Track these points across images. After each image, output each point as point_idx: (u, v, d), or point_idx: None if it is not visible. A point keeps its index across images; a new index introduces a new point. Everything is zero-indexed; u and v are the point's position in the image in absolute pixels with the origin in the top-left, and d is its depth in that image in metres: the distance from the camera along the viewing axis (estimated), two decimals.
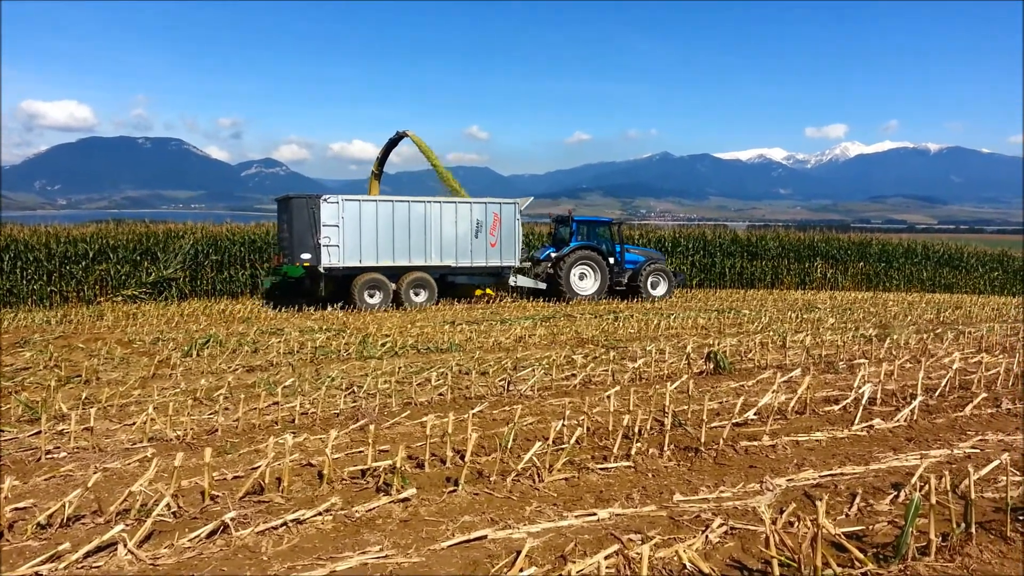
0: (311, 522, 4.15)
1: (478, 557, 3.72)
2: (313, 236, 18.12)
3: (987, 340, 11.81)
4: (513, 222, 20.39)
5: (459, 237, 19.68)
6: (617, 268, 22.02)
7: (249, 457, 5.54)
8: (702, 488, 4.81)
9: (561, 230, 22.72)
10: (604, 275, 21.53)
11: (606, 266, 21.62)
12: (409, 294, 18.98)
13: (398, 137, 23.67)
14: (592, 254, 21.50)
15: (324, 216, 18.11)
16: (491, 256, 20.12)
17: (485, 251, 20.04)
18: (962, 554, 3.67)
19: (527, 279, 21.24)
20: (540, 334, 12.74)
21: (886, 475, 5.03)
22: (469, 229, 19.81)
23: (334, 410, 7.00)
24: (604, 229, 22.80)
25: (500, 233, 20.15)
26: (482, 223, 19.94)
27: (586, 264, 21.40)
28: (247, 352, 10.77)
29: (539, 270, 21.61)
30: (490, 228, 19.99)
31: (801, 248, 31.55)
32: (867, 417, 6.46)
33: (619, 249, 22.34)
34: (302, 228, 18.17)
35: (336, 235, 18.21)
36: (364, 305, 18.34)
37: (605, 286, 21.53)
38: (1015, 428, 6.31)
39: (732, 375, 8.83)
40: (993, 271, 34.65)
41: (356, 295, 18.34)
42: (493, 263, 20.20)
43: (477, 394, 7.77)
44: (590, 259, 21.42)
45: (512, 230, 20.37)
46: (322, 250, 18.10)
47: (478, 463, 5.25)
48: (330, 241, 18.17)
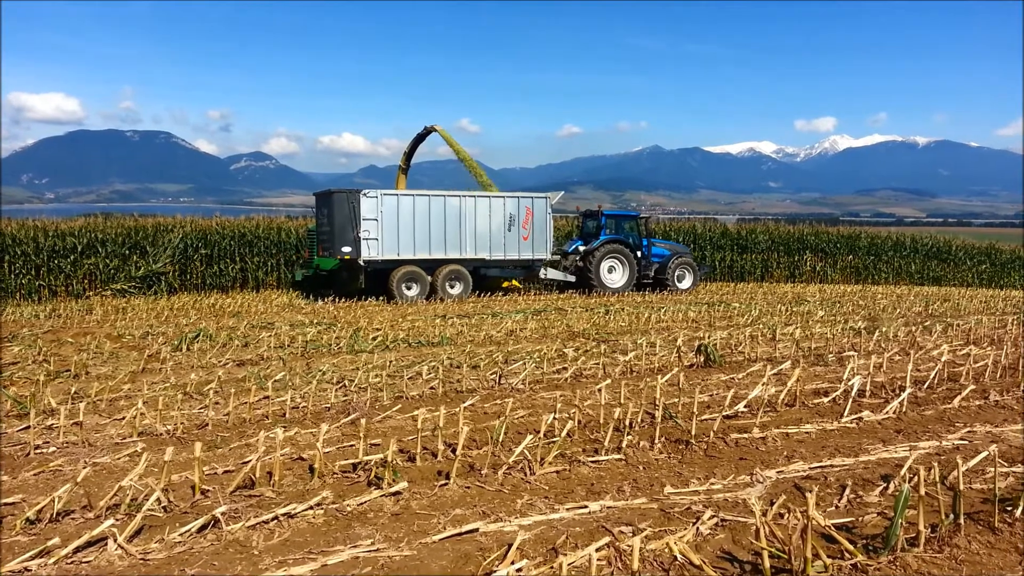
0: (302, 516, 4.14)
1: (469, 550, 3.73)
2: (353, 230, 18.42)
3: (975, 333, 11.89)
4: (545, 216, 20.75)
5: (493, 231, 19.98)
6: (644, 261, 22.33)
7: (240, 451, 5.53)
8: (693, 480, 4.82)
9: (588, 223, 22.98)
10: (632, 268, 21.86)
11: (634, 259, 21.94)
12: (445, 286, 19.28)
13: (426, 132, 23.82)
14: (621, 248, 21.82)
15: (364, 210, 18.41)
16: (523, 249, 20.46)
17: (518, 244, 20.35)
18: (951, 545, 3.70)
19: (557, 272, 21.53)
20: (531, 328, 12.75)
21: (875, 467, 5.06)
22: (502, 223, 20.12)
23: (325, 404, 6.99)
24: (631, 223, 23.06)
25: (532, 227, 20.48)
26: (515, 217, 20.27)
27: (615, 257, 21.74)
28: (237, 346, 10.72)
29: (567, 263, 21.93)
30: (522, 222, 20.34)
31: (791, 241, 31.64)
32: (856, 409, 6.50)
33: (646, 243, 22.66)
34: (343, 222, 18.46)
35: (375, 229, 18.54)
36: (402, 297, 18.64)
37: (633, 279, 21.87)
38: (1003, 420, 6.36)
39: (722, 368, 8.86)
40: (981, 264, 34.86)
41: (394, 288, 18.63)
42: (525, 256, 20.55)
43: (468, 388, 7.77)
44: (619, 252, 21.76)
45: (544, 224, 20.72)
46: (362, 243, 18.39)
47: (469, 456, 5.25)
48: (369, 235, 18.47)
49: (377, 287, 18.95)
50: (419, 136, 24.08)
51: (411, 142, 24.33)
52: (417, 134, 24.11)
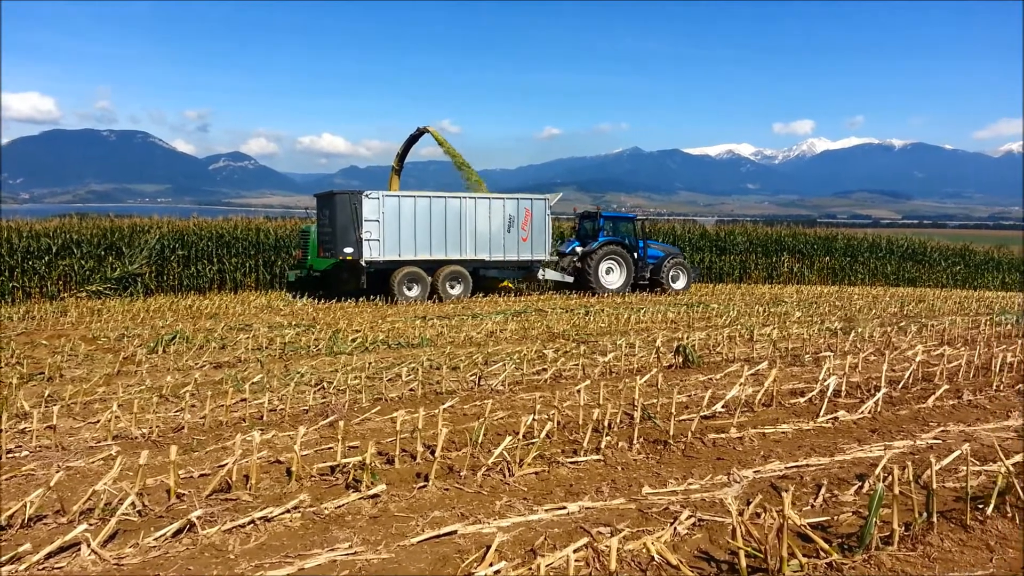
0: (279, 519, 4.11)
1: (448, 552, 3.72)
2: (355, 231, 18.47)
3: (949, 333, 12.05)
4: (543, 217, 20.86)
5: (492, 232, 20.10)
6: (640, 263, 22.53)
7: (216, 454, 5.48)
8: (671, 480, 4.85)
9: (585, 225, 23.12)
10: (630, 269, 22.08)
11: (631, 261, 22.16)
12: (445, 287, 19.37)
13: (419, 133, 23.88)
14: (619, 249, 22.02)
15: (366, 211, 18.47)
16: (522, 250, 20.60)
17: (517, 245, 20.48)
18: (924, 543, 3.75)
19: (555, 273, 21.74)
20: (511, 329, 12.75)
21: (851, 466, 5.12)
22: (502, 224, 20.24)
23: (303, 406, 6.95)
24: (628, 225, 23.26)
25: (531, 228, 20.63)
26: (514, 218, 20.39)
27: (613, 259, 21.93)
28: (215, 348, 10.64)
29: (564, 264, 22.13)
30: (522, 223, 20.48)
31: (768, 243, 31.91)
32: (832, 409, 6.56)
33: (642, 244, 22.86)
34: (345, 223, 18.50)
35: (377, 230, 18.60)
36: (403, 298, 18.71)
37: (631, 280, 22.08)
38: (976, 419, 6.45)
39: (701, 368, 8.91)
40: (955, 265, 35.35)
41: (395, 288, 18.71)
42: (524, 257, 20.69)
43: (448, 389, 7.76)
44: (617, 254, 21.96)
45: (542, 225, 20.85)
46: (364, 244, 18.45)
47: (448, 458, 5.24)
48: (371, 235, 18.53)
49: (378, 288, 19.03)
50: (412, 137, 24.16)
51: (404, 143, 24.38)
52: (410, 135, 24.17)
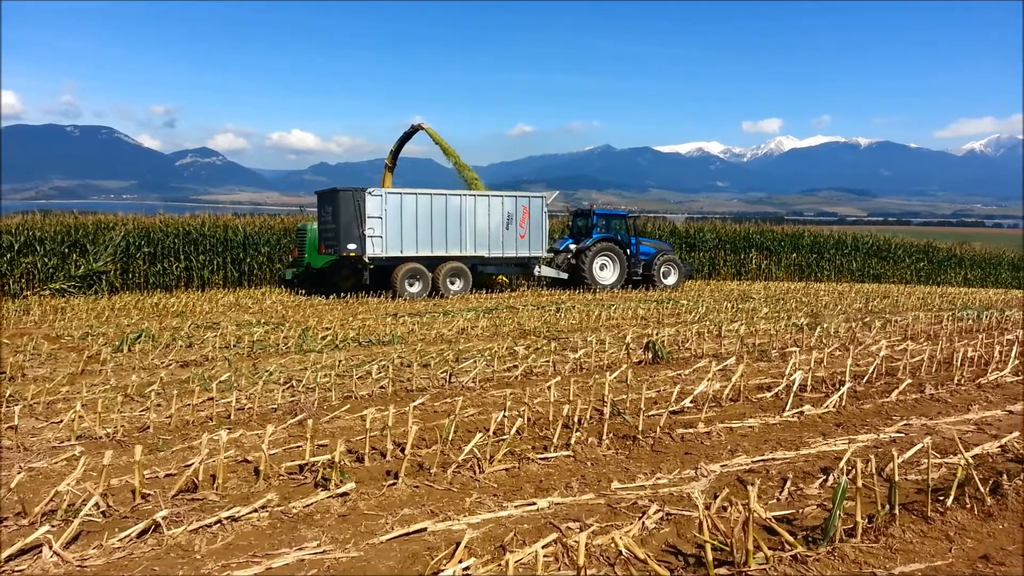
0: (247, 519, 4.08)
1: (417, 550, 3.72)
2: (359, 227, 18.71)
3: (912, 328, 12.27)
4: (540, 215, 21.25)
5: (491, 229, 20.47)
6: (632, 259, 22.88)
7: (182, 454, 5.41)
8: (639, 475, 4.89)
9: (579, 222, 23.52)
10: (623, 266, 22.48)
11: (624, 257, 22.53)
12: (446, 283, 19.67)
13: (413, 130, 24.04)
14: (612, 246, 22.42)
15: (369, 208, 18.71)
16: (520, 247, 21.00)
17: (515, 242, 20.89)
18: (886, 535, 3.82)
19: (550, 269, 22.05)
20: (483, 326, 12.75)
21: (815, 459, 5.20)
22: (501, 221, 20.64)
23: (272, 405, 6.89)
24: (620, 222, 23.58)
25: (529, 225, 21.03)
26: (512, 216, 20.78)
27: (607, 255, 22.34)
28: (181, 347, 10.50)
29: (559, 261, 22.42)
30: (520, 221, 20.88)
31: (737, 240, 32.26)
32: (798, 403, 6.66)
33: (634, 241, 23.23)
34: (348, 220, 18.72)
35: (380, 226, 18.87)
36: (405, 294, 18.98)
37: (624, 276, 22.47)
38: (938, 413, 6.58)
39: (670, 364, 8.98)
40: (919, 262, 36.02)
41: (398, 284, 18.97)
42: (522, 254, 21.10)
43: (419, 386, 7.74)
44: (610, 251, 22.37)
45: (539, 223, 21.23)
46: (367, 241, 18.70)
47: (419, 456, 5.23)
48: (374, 232, 18.79)
49: (380, 284, 19.28)
50: (406, 134, 24.30)
51: (398, 140, 24.51)
52: (404, 132, 24.35)
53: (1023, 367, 8.37)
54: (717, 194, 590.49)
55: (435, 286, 19.50)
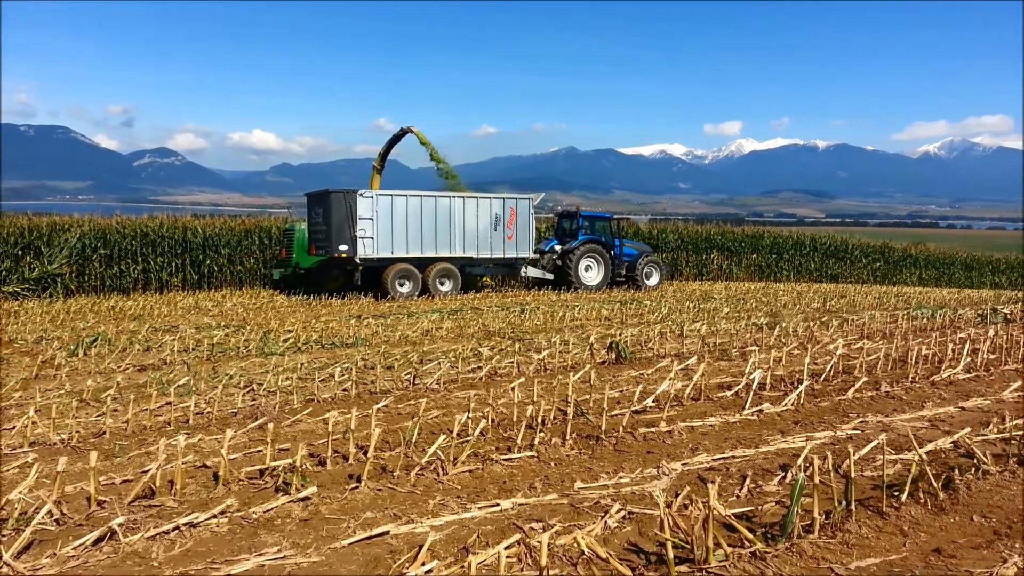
0: (205, 525, 4.02)
1: (379, 553, 3.70)
2: (350, 228, 18.89)
3: (869, 327, 12.52)
4: (527, 216, 21.52)
5: (480, 230, 20.72)
6: (616, 260, 23.23)
7: (140, 460, 5.31)
8: (602, 475, 4.92)
9: (564, 223, 23.94)
10: (607, 267, 22.81)
11: (609, 258, 22.90)
12: (436, 284, 19.94)
13: (402, 133, 24.25)
14: (597, 247, 22.79)
15: (360, 209, 18.89)
16: (508, 248, 21.28)
17: (503, 243, 21.17)
18: (843, 530, 3.89)
19: (536, 270, 22.34)
20: (447, 327, 12.72)
21: (774, 457, 5.28)
22: (489, 223, 20.89)
23: (231, 409, 6.79)
24: (604, 224, 23.96)
25: (516, 227, 21.29)
26: (500, 217, 21.03)
27: (591, 256, 22.66)
28: (138, 351, 10.30)
29: (544, 261, 22.70)
30: (507, 222, 21.13)
31: (699, 241, 32.62)
32: (757, 402, 6.75)
33: (618, 243, 23.60)
34: (340, 221, 18.89)
35: (370, 228, 19.05)
36: (396, 294, 19.19)
37: (608, 277, 22.81)
38: (893, 410, 6.73)
39: (633, 364, 9.05)
40: (876, 262, 36.79)
41: (388, 285, 19.20)
42: (510, 255, 21.37)
43: (382, 389, 7.69)
44: (595, 252, 22.71)
45: (526, 224, 21.51)
46: (358, 242, 18.87)
47: (382, 458, 5.20)
48: (365, 233, 18.97)
49: (370, 285, 19.49)
50: (395, 137, 24.49)
51: (386, 143, 24.68)
52: (393, 135, 24.54)
53: (975, 365, 8.59)
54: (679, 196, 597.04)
55: (425, 287, 19.73)
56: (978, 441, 5.41)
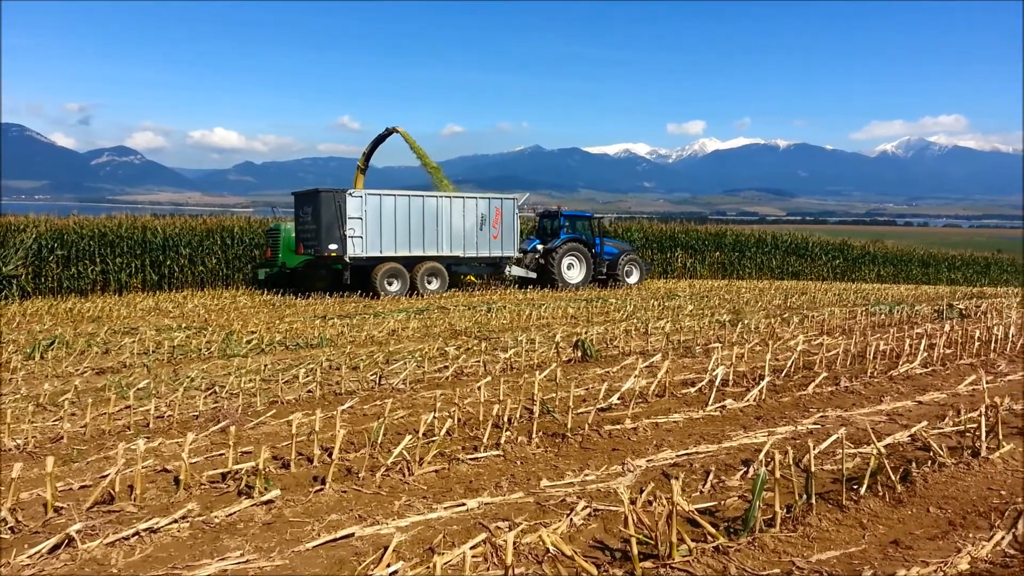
0: (166, 530, 3.95)
1: (344, 556, 3.67)
2: (340, 228, 19.07)
3: (828, 323, 12.75)
4: (512, 216, 21.90)
5: (466, 229, 21.05)
6: (597, 259, 23.63)
7: (98, 465, 5.21)
8: (568, 473, 4.94)
9: (545, 223, 24.37)
10: (589, 265, 23.28)
11: (590, 257, 23.32)
12: (424, 282, 20.21)
13: (387, 133, 24.32)
14: (579, 246, 23.22)
15: (350, 209, 19.13)
16: (493, 248, 21.65)
17: (488, 243, 21.53)
18: (804, 524, 3.96)
19: (520, 269, 22.66)
20: (413, 327, 12.67)
21: (737, 452, 5.35)
22: (475, 222, 21.24)
23: (193, 412, 6.69)
24: (585, 223, 24.38)
25: (501, 226, 21.68)
26: (486, 217, 21.39)
27: (574, 255, 23.12)
28: (97, 353, 10.10)
29: (527, 260, 22.99)
30: (493, 221, 21.50)
31: (663, 239, 32.95)
32: (720, 398, 6.83)
33: (599, 241, 24.02)
34: (330, 220, 19.08)
35: (360, 227, 19.27)
36: (385, 293, 19.40)
37: (590, 275, 23.31)
38: (852, 404, 6.85)
39: (598, 362, 9.10)
40: (835, 259, 37.48)
41: (377, 283, 19.39)
42: (495, 254, 21.76)
43: (347, 389, 7.64)
44: (578, 250, 23.15)
45: (511, 223, 21.86)
46: (348, 241, 19.10)
47: (347, 460, 5.16)
48: (354, 233, 19.19)
49: (360, 283, 19.63)
50: (380, 137, 24.52)
51: (371, 143, 24.66)
52: (378, 135, 24.56)
53: (932, 360, 8.79)
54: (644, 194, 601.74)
55: (413, 285, 19.96)
56: (934, 434, 5.54)
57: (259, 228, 25.32)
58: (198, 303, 17.96)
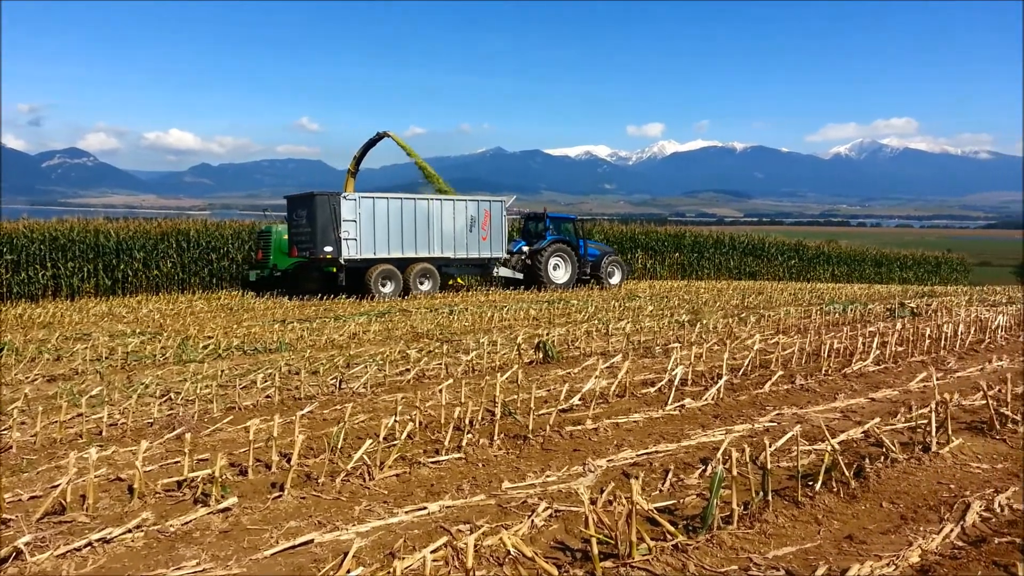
0: (120, 540, 3.87)
1: (303, 562, 3.63)
2: (335, 230, 19.33)
3: (784, 323, 12.96)
4: (500, 218, 22.36)
5: (457, 231, 21.45)
6: (581, 260, 24.10)
7: (49, 474, 5.08)
8: (529, 474, 4.95)
9: (530, 225, 24.94)
10: (574, 266, 23.78)
11: (575, 258, 23.83)
12: (416, 283, 20.56)
13: (378, 137, 24.34)
14: (565, 247, 23.71)
15: (344, 212, 19.41)
16: (482, 249, 22.07)
17: (478, 244, 21.95)
18: (760, 520, 4.02)
19: (507, 270, 23.11)
20: (375, 330, 12.58)
21: (696, 451, 5.41)
22: (465, 224, 21.63)
23: (147, 419, 6.55)
24: (569, 225, 24.99)
25: (490, 228, 22.10)
26: (475, 219, 21.77)
27: (559, 256, 23.57)
28: (48, 360, 9.85)
29: (513, 262, 23.39)
30: (482, 223, 21.89)
31: (624, 240, 33.22)
32: (679, 397, 6.90)
33: (582, 243, 24.57)
34: (325, 223, 19.34)
35: (354, 229, 19.57)
36: (379, 294, 19.62)
37: (575, 276, 23.79)
38: (807, 402, 6.98)
39: (560, 363, 9.13)
40: (791, 259, 38.17)
41: (372, 285, 19.63)
42: (484, 255, 22.18)
43: (307, 394, 7.55)
44: (563, 252, 23.62)
45: (499, 225, 22.31)
46: (342, 243, 19.37)
47: (306, 466, 5.11)
48: (349, 235, 19.48)
49: (354, 285, 19.86)
50: (371, 141, 24.50)
51: (362, 147, 24.59)
52: (369, 139, 24.56)
53: (884, 357, 8.99)
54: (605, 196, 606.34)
55: (406, 286, 20.29)
56: (887, 430, 5.66)
57: (216, 231, 24.95)
58: (153, 308, 17.62)
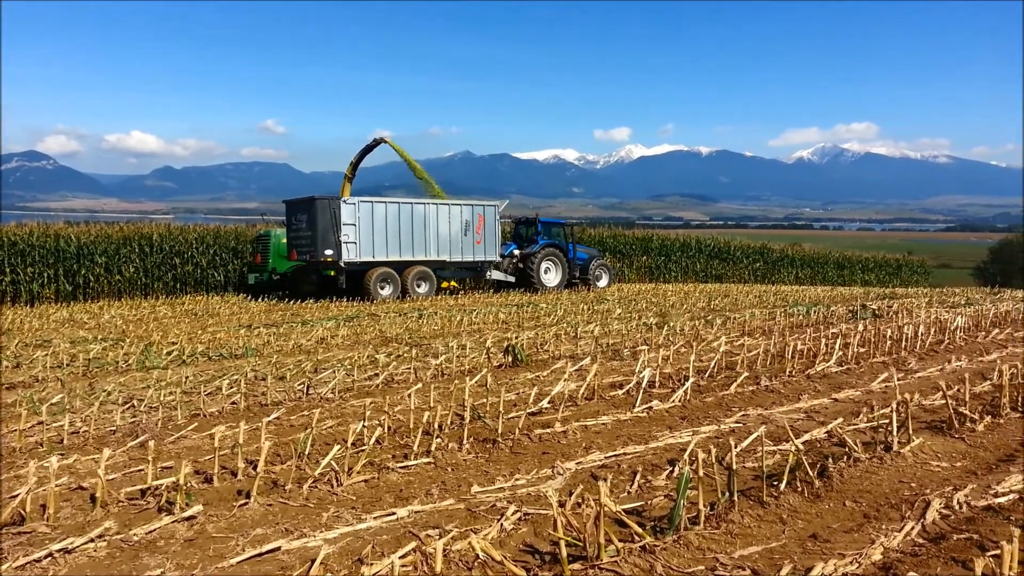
0: (82, 550, 3.80)
1: (270, 570, 3.59)
2: (335, 234, 19.68)
3: (749, 325, 13.13)
4: (494, 222, 22.92)
5: (452, 235, 21.90)
6: (571, 263, 24.87)
7: (8, 484, 4.96)
8: (499, 478, 4.95)
9: (521, 229, 25.66)
10: (565, 269, 24.47)
11: (565, 261, 24.51)
12: (413, 286, 20.97)
13: (375, 143, 24.40)
14: (556, 251, 24.41)
15: (344, 215, 19.76)
16: (477, 252, 22.54)
17: (472, 248, 22.42)
18: (727, 520, 4.07)
19: (499, 273, 23.65)
20: (343, 335, 12.49)
21: (663, 452, 5.46)
22: (460, 228, 22.08)
23: (110, 427, 6.44)
24: (559, 229, 25.83)
25: (484, 231, 22.62)
26: (470, 222, 22.26)
27: (551, 260, 24.27)
28: (7, 368, 9.62)
29: (505, 265, 23.90)
30: (476, 227, 22.39)
31: (592, 244, 33.35)
32: (647, 399, 6.96)
33: (571, 247, 25.26)
34: (325, 226, 19.67)
35: (353, 233, 19.92)
36: (377, 297, 20.01)
37: (566, 279, 24.48)
38: (772, 403, 7.08)
39: (529, 367, 9.15)
40: (756, 262, 38.66)
41: (371, 287, 20.02)
42: (479, 258, 22.66)
43: (274, 400, 7.47)
44: (554, 255, 24.35)
45: (493, 229, 22.87)
46: (343, 247, 19.71)
47: (273, 473, 5.05)
48: (348, 238, 19.82)
49: (353, 288, 20.17)
50: (367, 147, 24.57)
51: (359, 152, 24.63)
52: (365, 144, 24.69)
53: (847, 358, 9.14)
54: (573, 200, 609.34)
55: (404, 289, 20.66)
56: (849, 430, 5.76)
57: (179, 235, 24.60)
58: (115, 314, 17.29)
